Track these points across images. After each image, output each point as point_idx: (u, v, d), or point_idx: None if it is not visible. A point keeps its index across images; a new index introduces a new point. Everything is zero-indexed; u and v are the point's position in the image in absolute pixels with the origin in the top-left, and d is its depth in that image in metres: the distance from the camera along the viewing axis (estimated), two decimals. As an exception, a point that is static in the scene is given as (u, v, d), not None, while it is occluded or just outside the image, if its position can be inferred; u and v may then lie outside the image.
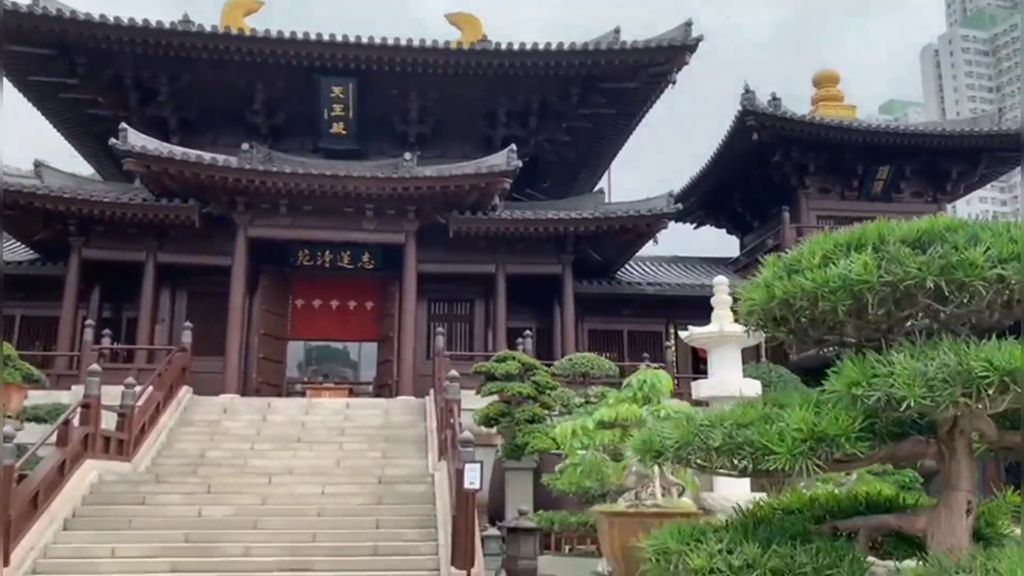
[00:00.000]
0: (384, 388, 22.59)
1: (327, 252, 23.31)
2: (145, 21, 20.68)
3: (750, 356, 20.02)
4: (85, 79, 22.35)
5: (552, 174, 27.64)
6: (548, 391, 12.22)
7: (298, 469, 14.84)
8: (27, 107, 24.47)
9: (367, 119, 23.87)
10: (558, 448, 12.01)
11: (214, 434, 16.52)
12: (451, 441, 12.85)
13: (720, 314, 18.28)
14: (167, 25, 20.80)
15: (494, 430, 13.17)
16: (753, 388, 15.86)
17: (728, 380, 17.36)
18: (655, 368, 6.96)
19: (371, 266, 23.65)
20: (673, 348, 23.03)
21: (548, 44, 21.78)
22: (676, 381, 22.91)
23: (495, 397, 13.25)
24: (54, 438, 12.07)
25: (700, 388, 17.77)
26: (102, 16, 20.47)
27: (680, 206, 22.23)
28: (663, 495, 6.02)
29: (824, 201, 26.10)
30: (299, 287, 23.77)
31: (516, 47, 21.77)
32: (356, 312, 24.10)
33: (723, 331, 17.66)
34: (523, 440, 11.15)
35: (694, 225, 31.82)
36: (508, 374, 12.02)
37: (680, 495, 6.29)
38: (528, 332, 20.34)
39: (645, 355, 23.21)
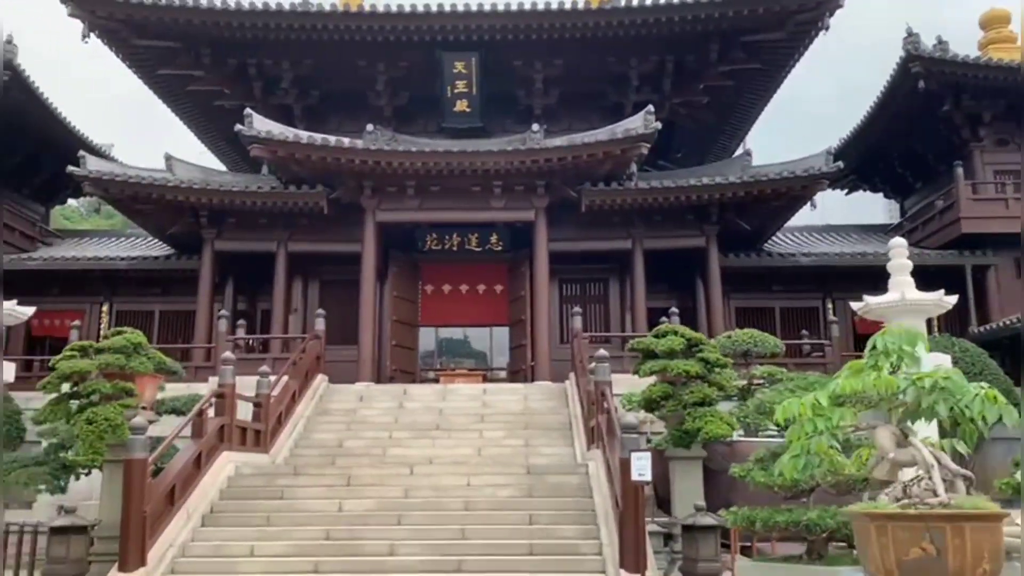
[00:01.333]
0: (518, 373, 21.54)
1: (454, 235, 22.47)
2: (265, 4, 20.27)
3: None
4: (210, 70, 22.25)
5: (686, 142, 25.85)
6: (718, 369, 10.67)
7: (439, 458, 13.89)
8: (157, 104, 24.79)
9: (490, 94, 22.79)
10: (733, 434, 10.47)
11: (351, 423, 15.81)
12: (606, 427, 11.50)
13: (900, 280, 16.06)
14: (287, 7, 20.32)
15: (652, 415, 11.74)
16: (943, 363, 13.74)
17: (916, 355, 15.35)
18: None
19: (499, 248, 22.64)
20: (836, 325, 20.78)
21: (684, -4, 20.01)
22: (847, 360, 20.86)
23: (652, 379, 11.81)
24: (189, 430, 11.49)
25: (880, 364, 15.79)
26: (223, 2, 20.19)
27: (840, 164, 19.99)
28: (946, 489, 4.46)
29: (1002, 154, 23.10)
30: (428, 272, 23.01)
31: (649, 2, 20.10)
32: (486, 296, 23.12)
33: (906, 299, 15.61)
34: (694, 425, 9.67)
35: (845, 191, 29.16)
36: (671, 350, 10.53)
37: (968, 489, 4.71)
38: (673, 310, 18.70)
39: (804, 332, 21.27)
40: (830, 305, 23.68)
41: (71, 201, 55.31)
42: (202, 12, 20.35)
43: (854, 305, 16.67)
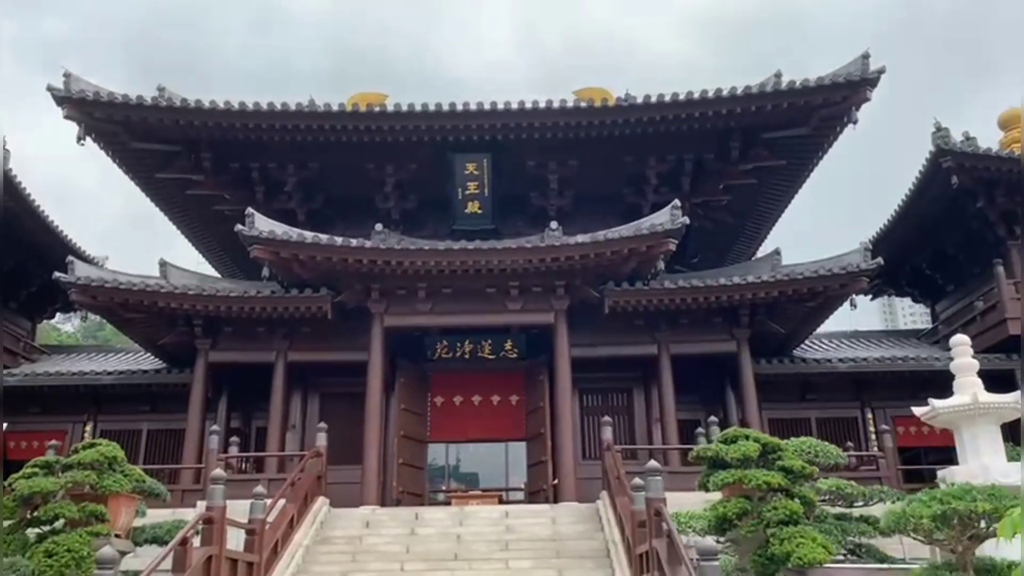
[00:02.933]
0: (538, 494, 19.60)
1: (467, 342, 21.07)
2: (271, 105, 19.52)
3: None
4: (211, 174, 21.33)
5: (702, 246, 24.68)
6: (803, 480, 8.98)
7: (460, 595, 11.94)
8: (154, 222, 23.78)
9: (503, 196, 21.89)
10: (833, 558, 8.69)
11: (357, 553, 13.85)
12: (667, 554, 9.70)
13: (967, 381, 14.54)
14: (293, 107, 19.56)
15: (720, 538, 9.95)
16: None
17: (992, 465, 13.51)
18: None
19: (515, 355, 21.20)
20: (887, 434, 19.04)
21: (705, 91, 19.33)
22: (899, 473, 19.05)
23: (713, 496, 10.12)
24: (170, 562, 9.64)
25: (955, 476, 13.95)
26: (227, 103, 19.44)
27: (880, 260, 18.80)
28: None
29: (1039, 252, 22.01)
30: (438, 383, 21.39)
31: (668, 98, 19.39)
32: (501, 408, 21.41)
33: (979, 402, 14.02)
34: (782, 549, 7.94)
35: (871, 296, 27.93)
36: (745, 458, 8.91)
37: None
38: (712, 419, 17.10)
39: (849, 444, 19.51)
40: (869, 415, 22.08)
41: (67, 327, 53.96)
42: (204, 113, 19.57)
43: (916, 410, 15.06)
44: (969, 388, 14.19)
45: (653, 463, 11.14)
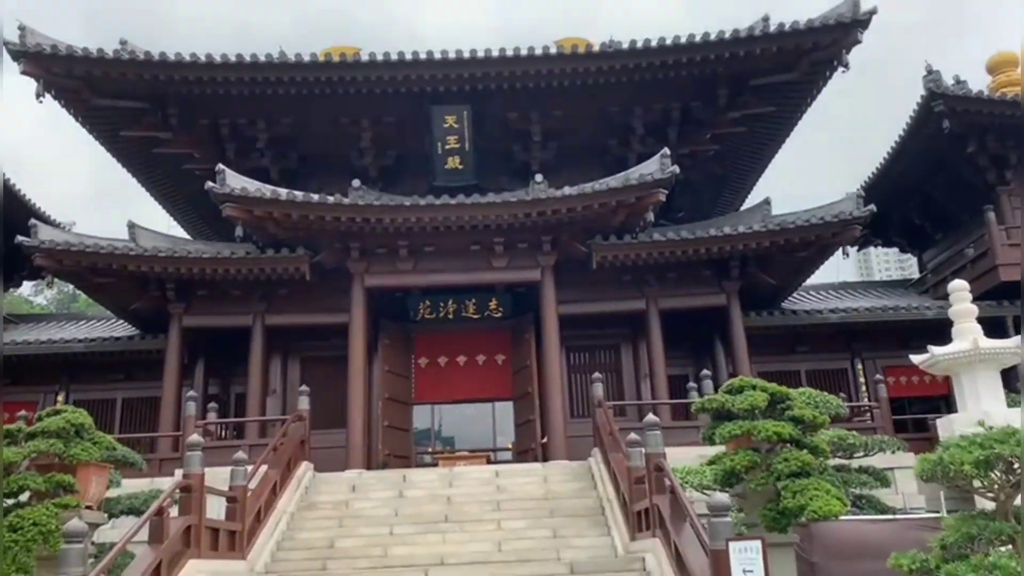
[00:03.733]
0: (526, 453, 19.26)
1: (450, 302, 20.53)
2: (239, 56, 18.59)
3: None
4: (179, 131, 20.39)
5: (687, 200, 24.13)
6: (812, 431, 8.57)
7: (452, 557, 11.56)
8: (124, 184, 22.82)
9: (484, 150, 21.18)
10: (847, 510, 8.30)
11: (344, 518, 13.40)
12: (670, 510, 9.30)
13: (966, 327, 14.23)
14: (262, 59, 18.64)
15: (726, 495, 9.54)
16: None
17: (993, 411, 13.23)
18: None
19: (499, 314, 20.72)
20: (882, 384, 18.80)
21: (692, 36, 18.62)
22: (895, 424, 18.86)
23: (715, 450, 9.69)
24: (145, 532, 9.09)
25: (954, 425, 13.67)
26: (193, 55, 18.50)
27: (873, 207, 18.37)
28: None
29: (1029, 198, 21.69)
30: (422, 344, 20.87)
31: (655, 43, 18.67)
32: (486, 368, 20.95)
33: (980, 348, 13.71)
34: (795, 503, 7.54)
35: (857, 247, 27.55)
36: (752, 408, 8.48)
37: None
38: (705, 372, 16.73)
39: (842, 395, 19.17)
40: (860, 366, 21.85)
41: (40, 299, 52.53)
42: (170, 66, 18.61)
43: (915, 358, 14.76)
44: (968, 334, 13.89)
45: (652, 417, 10.72)
